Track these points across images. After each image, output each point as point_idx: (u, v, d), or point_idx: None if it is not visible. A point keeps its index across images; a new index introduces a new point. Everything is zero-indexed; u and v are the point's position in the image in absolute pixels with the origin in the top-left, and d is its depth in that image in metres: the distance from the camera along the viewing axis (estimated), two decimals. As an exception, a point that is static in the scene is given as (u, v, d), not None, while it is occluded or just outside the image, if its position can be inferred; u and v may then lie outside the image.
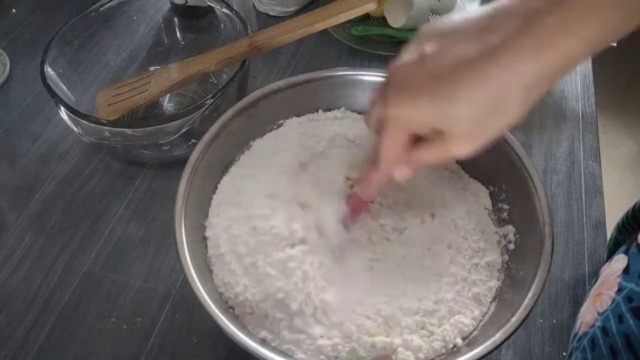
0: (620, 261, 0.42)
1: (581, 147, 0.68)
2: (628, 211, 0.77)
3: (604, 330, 0.39)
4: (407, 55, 0.35)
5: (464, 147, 0.35)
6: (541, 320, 0.53)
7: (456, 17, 0.34)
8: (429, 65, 0.33)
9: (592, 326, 0.40)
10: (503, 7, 0.32)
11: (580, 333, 0.42)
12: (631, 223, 0.75)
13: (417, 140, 0.38)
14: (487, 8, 0.33)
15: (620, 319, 0.38)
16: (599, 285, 0.43)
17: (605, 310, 0.40)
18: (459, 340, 0.43)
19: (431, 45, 0.34)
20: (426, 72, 0.33)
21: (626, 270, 0.40)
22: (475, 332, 0.43)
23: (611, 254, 0.46)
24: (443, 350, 0.42)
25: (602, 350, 0.38)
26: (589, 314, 0.42)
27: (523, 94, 0.32)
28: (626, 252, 0.42)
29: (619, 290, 0.39)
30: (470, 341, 0.43)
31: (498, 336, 0.39)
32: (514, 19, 0.31)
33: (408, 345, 0.41)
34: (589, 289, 0.45)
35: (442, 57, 0.33)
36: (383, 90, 0.37)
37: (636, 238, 0.42)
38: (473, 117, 0.33)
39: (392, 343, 0.41)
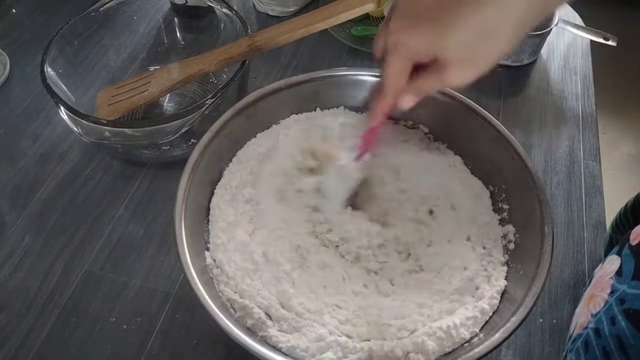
0: (613, 262, 0.41)
1: (581, 147, 0.68)
2: (621, 209, 0.77)
3: (597, 332, 0.39)
4: None
5: (461, 74, 0.38)
6: (541, 320, 0.53)
7: None
8: None
9: (586, 328, 0.40)
10: None
11: (574, 335, 0.42)
12: (623, 222, 0.75)
13: (419, 70, 0.40)
14: None
15: (612, 320, 0.38)
16: (592, 287, 0.43)
17: (599, 312, 0.40)
18: (466, 338, 0.42)
19: None
20: (427, 1, 0.36)
21: (619, 272, 0.40)
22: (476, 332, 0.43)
23: (607, 252, 0.46)
24: (449, 350, 0.42)
25: (595, 352, 0.38)
26: (582, 316, 0.42)
27: (514, 24, 0.35)
28: (619, 253, 0.42)
29: (612, 292, 0.39)
30: (470, 341, 0.43)
31: (498, 336, 0.39)
32: None
33: (420, 349, 0.41)
34: (585, 290, 0.45)
35: None
36: (387, 20, 0.40)
37: (628, 239, 0.42)
38: (468, 43, 0.36)
39: (404, 346, 0.41)
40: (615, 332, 0.37)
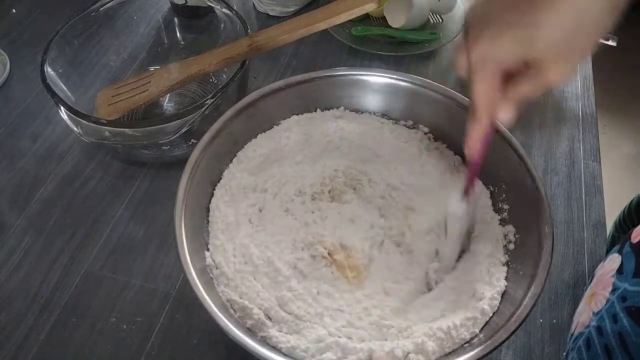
0: (614, 261, 0.42)
1: (581, 147, 0.68)
2: (625, 209, 0.77)
3: (599, 330, 0.39)
4: None
5: (560, 71, 0.34)
6: (541, 320, 0.53)
7: None
8: None
9: (587, 326, 0.40)
10: None
11: (575, 333, 0.42)
12: (627, 221, 0.75)
13: (510, 78, 0.37)
14: None
15: (614, 318, 0.38)
16: (593, 286, 0.43)
17: (600, 310, 0.40)
18: (466, 339, 0.42)
19: None
20: (502, 4, 0.33)
21: (620, 270, 0.40)
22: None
23: (609, 251, 0.46)
24: (449, 351, 0.42)
25: (597, 349, 0.38)
26: (584, 314, 0.42)
27: (604, 9, 0.32)
28: (620, 252, 0.42)
29: (613, 290, 0.39)
30: (470, 341, 0.43)
31: (498, 336, 0.39)
32: None
33: (420, 349, 0.41)
34: (585, 289, 0.45)
35: None
36: (465, 35, 0.36)
37: (629, 237, 0.42)
38: (561, 37, 0.32)
39: (404, 346, 0.41)
40: (617, 330, 0.37)
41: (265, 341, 0.42)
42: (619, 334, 0.37)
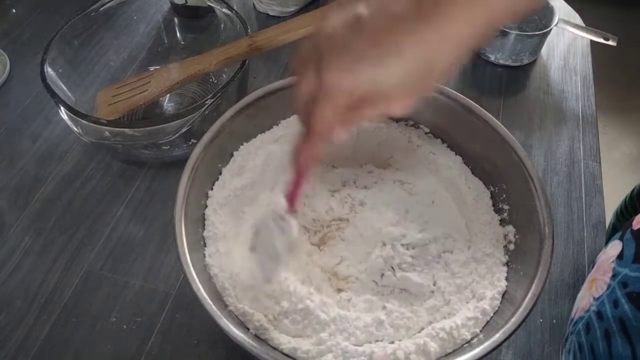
0: (615, 247, 0.42)
1: (581, 147, 0.68)
2: (626, 197, 0.77)
3: (599, 314, 0.39)
4: (339, 15, 0.33)
5: (403, 105, 0.35)
6: (541, 320, 0.53)
7: None
8: (367, 27, 0.32)
9: (587, 310, 0.41)
10: None
11: (575, 318, 0.43)
12: (629, 209, 0.75)
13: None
14: None
15: (615, 303, 0.38)
16: (594, 271, 0.44)
17: (601, 296, 0.40)
18: (467, 339, 0.42)
19: (365, 6, 0.32)
20: (366, 34, 0.32)
21: (620, 256, 0.41)
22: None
23: (609, 240, 0.46)
24: (450, 351, 0.42)
25: (597, 333, 0.39)
26: (584, 300, 0.42)
27: (454, 54, 0.32)
28: (621, 238, 0.42)
29: (614, 276, 0.40)
30: (470, 341, 0.43)
31: (498, 336, 0.39)
32: None
33: (422, 350, 0.41)
34: (587, 275, 0.45)
35: (379, 19, 0.31)
36: (312, 56, 0.34)
37: (630, 224, 0.42)
38: (415, 77, 0.32)
39: (406, 347, 0.41)
40: (618, 315, 0.37)
41: (266, 342, 0.42)
42: (619, 319, 0.37)
